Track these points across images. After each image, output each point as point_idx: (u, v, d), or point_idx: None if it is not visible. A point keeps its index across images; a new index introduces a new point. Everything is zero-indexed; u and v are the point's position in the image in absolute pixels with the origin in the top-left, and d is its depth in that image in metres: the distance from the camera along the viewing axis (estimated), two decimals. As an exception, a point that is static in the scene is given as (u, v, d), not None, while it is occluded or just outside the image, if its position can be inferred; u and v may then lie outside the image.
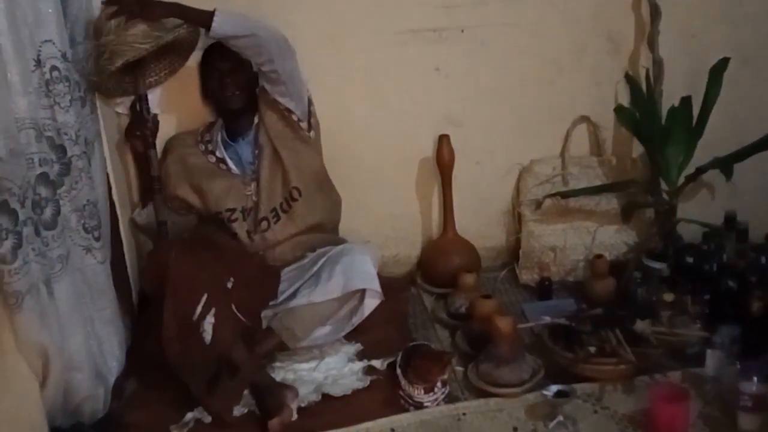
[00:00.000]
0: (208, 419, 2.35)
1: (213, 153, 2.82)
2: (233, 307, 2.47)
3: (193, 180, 2.81)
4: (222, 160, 2.81)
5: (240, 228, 2.78)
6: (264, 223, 2.78)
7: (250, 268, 2.64)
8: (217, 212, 2.78)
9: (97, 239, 2.39)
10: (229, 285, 2.48)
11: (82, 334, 2.26)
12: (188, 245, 2.50)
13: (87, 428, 2.29)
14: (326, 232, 2.88)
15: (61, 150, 2.23)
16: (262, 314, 2.64)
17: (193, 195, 2.83)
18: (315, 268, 2.66)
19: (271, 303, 2.66)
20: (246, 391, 2.43)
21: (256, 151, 2.79)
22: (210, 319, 2.39)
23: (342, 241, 2.84)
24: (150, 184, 2.76)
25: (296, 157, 2.77)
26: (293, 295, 2.64)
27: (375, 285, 2.59)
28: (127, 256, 2.80)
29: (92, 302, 2.39)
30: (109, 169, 2.67)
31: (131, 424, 2.37)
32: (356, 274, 2.58)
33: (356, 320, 2.63)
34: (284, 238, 2.78)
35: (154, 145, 2.75)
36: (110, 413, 2.38)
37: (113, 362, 2.47)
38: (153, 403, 2.45)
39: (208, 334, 2.38)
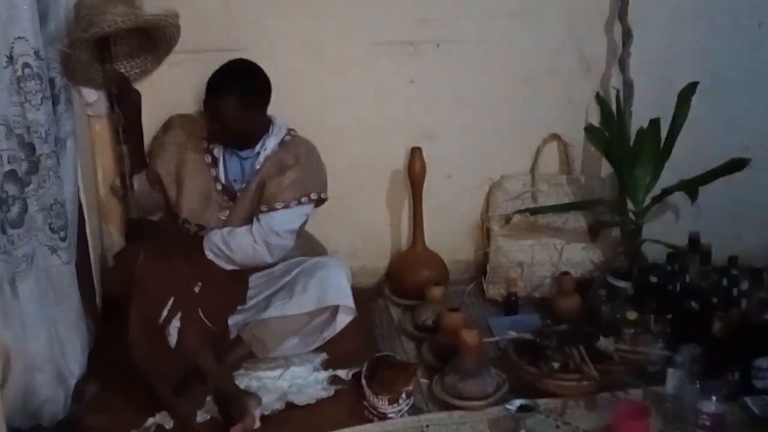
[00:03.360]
0: (169, 424, 2.33)
1: (211, 153, 2.71)
2: (200, 311, 2.45)
3: (180, 172, 2.71)
4: (215, 164, 2.71)
5: None
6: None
7: (218, 273, 2.62)
8: (184, 219, 2.71)
9: (63, 239, 2.36)
10: (197, 289, 2.47)
11: (45, 335, 2.23)
12: (156, 249, 2.47)
13: (46, 431, 2.25)
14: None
15: (30, 148, 2.21)
16: (233, 321, 2.62)
17: (171, 184, 2.72)
18: (287, 278, 2.64)
19: (239, 308, 2.65)
20: (209, 398, 2.41)
21: (243, 185, 2.68)
22: (176, 323, 2.38)
23: (314, 248, 2.83)
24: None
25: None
26: (265, 305, 2.61)
27: (349, 302, 2.58)
28: (92, 258, 2.76)
29: (56, 303, 2.35)
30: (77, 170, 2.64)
31: (91, 427, 2.33)
32: (331, 289, 2.56)
33: (327, 335, 2.63)
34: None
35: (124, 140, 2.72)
36: (70, 416, 2.35)
37: (75, 365, 2.44)
38: (114, 407, 2.42)
39: (173, 338, 2.37)
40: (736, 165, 2.90)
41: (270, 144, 2.69)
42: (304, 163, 2.68)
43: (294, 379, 2.53)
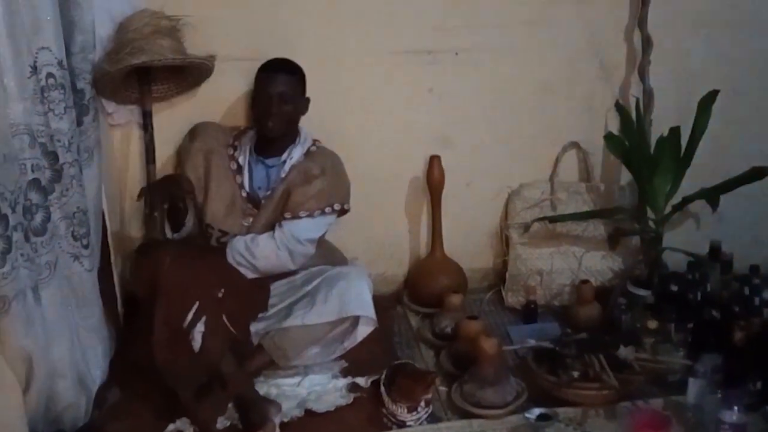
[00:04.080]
0: (189, 431, 2.34)
1: (236, 160, 2.75)
2: (224, 317, 2.46)
3: (207, 177, 2.73)
4: (240, 171, 2.74)
5: None
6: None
7: (241, 280, 2.63)
8: (208, 224, 2.74)
9: (86, 247, 2.39)
10: (220, 295, 2.48)
11: (67, 341, 2.26)
12: (182, 253, 2.49)
13: (68, 437, 2.28)
14: None
15: (53, 157, 2.24)
16: (254, 329, 2.62)
17: (200, 190, 2.73)
18: (309, 287, 2.64)
19: (260, 316, 2.66)
20: (230, 405, 2.42)
21: (268, 192, 2.72)
22: (200, 328, 2.39)
23: (335, 256, 2.85)
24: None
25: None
26: (286, 314, 2.61)
27: (370, 312, 2.58)
28: (114, 266, 2.79)
29: (78, 310, 2.38)
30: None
31: (112, 433, 2.35)
32: (353, 299, 2.56)
33: (348, 345, 2.62)
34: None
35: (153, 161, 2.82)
36: (91, 422, 2.37)
37: (96, 371, 2.46)
38: (134, 413, 2.44)
39: (197, 343, 2.38)
40: (757, 173, 2.87)
41: (296, 153, 2.72)
42: (330, 174, 2.71)
43: (313, 387, 2.54)
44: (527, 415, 2.30)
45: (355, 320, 2.59)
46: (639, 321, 2.67)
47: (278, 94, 2.64)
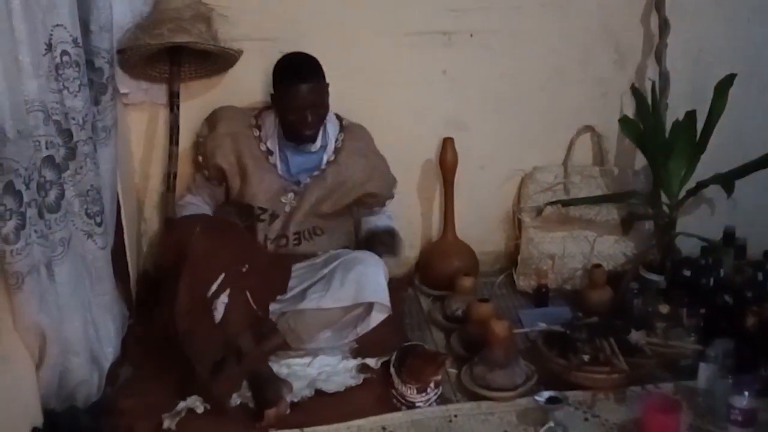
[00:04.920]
0: (200, 409, 2.35)
1: (264, 142, 2.76)
2: (247, 292, 2.47)
3: (241, 160, 2.73)
4: (270, 153, 2.76)
5: (260, 230, 2.76)
6: (283, 240, 2.76)
7: (264, 258, 2.64)
8: (249, 204, 2.75)
9: (99, 225, 2.39)
10: (244, 270, 2.48)
11: (81, 318, 2.27)
12: (212, 224, 2.51)
13: (80, 412, 2.29)
14: None
15: (67, 134, 2.24)
16: (271, 309, 2.61)
17: (235, 174, 2.75)
18: (326, 270, 2.64)
19: (278, 297, 2.66)
20: (244, 383, 2.43)
21: (315, 173, 2.75)
22: (223, 299, 2.40)
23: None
24: None
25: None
26: (302, 296, 2.61)
27: (385, 299, 2.57)
28: (127, 244, 2.80)
29: (91, 287, 2.39)
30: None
31: (124, 410, 2.37)
32: (368, 285, 2.56)
33: (360, 330, 2.61)
34: (296, 254, 2.79)
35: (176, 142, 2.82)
36: (104, 399, 2.39)
37: (109, 348, 2.47)
38: (146, 390, 2.45)
39: (219, 314, 2.40)
40: (773, 159, 2.85)
41: (331, 131, 2.77)
42: (374, 150, 2.87)
43: (323, 367, 2.55)
44: (537, 398, 2.29)
45: (369, 306, 2.59)
46: (651, 306, 2.66)
47: (311, 103, 2.63)
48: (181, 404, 2.36)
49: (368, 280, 2.57)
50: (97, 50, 2.50)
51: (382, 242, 2.81)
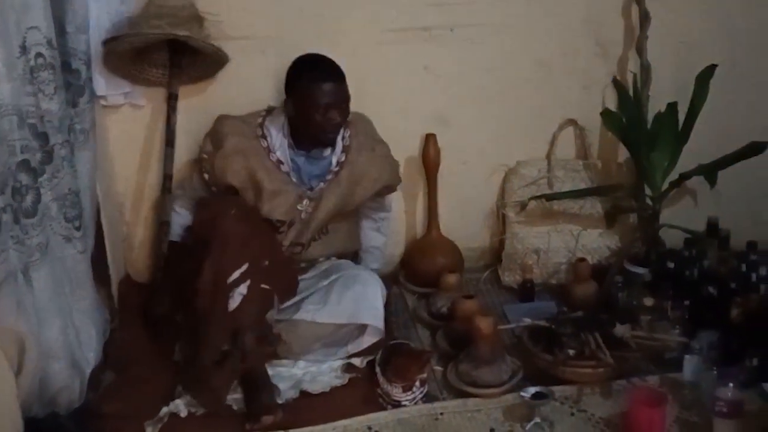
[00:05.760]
0: (183, 413, 2.34)
1: (274, 152, 2.66)
2: (264, 288, 2.44)
3: (255, 176, 2.62)
4: (281, 163, 2.67)
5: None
6: (298, 248, 2.73)
7: (282, 259, 2.61)
8: (267, 218, 2.68)
9: (78, 229, 2.37)
10: (265, 265, 2.46)
11: (60, 323, 2.24)
12: (245, 209, 2.52)
13: (62, 419, 2.27)
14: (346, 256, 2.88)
15: (43, 138, 2.21)
16: (268, 315, 2.55)
17: (248, 190, 2.65)
18: (326, 282, 2.62)
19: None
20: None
21: (328, 176, 2.69)
22: (242, 290, 2.38)
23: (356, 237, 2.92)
24: None
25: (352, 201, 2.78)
26: (298, 305, 2.58)
27: (380, 323, 2.54)
28: (108, 248, 2.77)
29: (71, 292, 2.36)
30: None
31: (107, 415, 2.35)
32: (365, 307, 2.53)
33: (351, 349, 2.57)
34: (307, 259, 2.77)
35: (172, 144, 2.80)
36: (86, 404, 2.36)
37: (91, 353, 2.45)
38: (129, 395, 2.44)
39: (234, 303, 2.37)
40: (754, 149, 2.84)
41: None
42: (378, 140, 2.82)
43: (308, 367, 2.54)
44: (523, 393, 2.29)
45: (363, 326, 2.56)
46: (636, 298, 2.65)
47: (340, 101, 2.59)
48: (164, 409, 2.34)
49: (366, 301, 2.55)
50: (73, 51, 2.49)
51: None
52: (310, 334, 2.54)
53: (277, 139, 2.67)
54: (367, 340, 2.56)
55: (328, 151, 2.70)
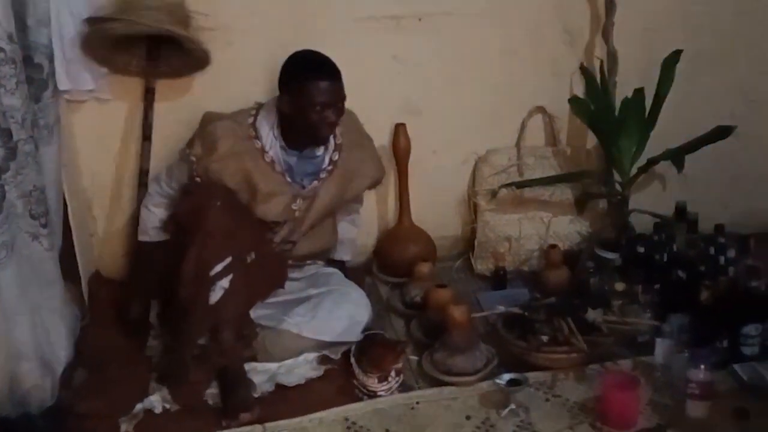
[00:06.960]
0: (158, 409, 2.32)
1: (267, 152, 2.58)
2: (246, 284, 2.41)
3: (251, 179, 2.55)
4: (275, 162, 2.60)
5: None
6: (289, 245, 2.69)
7: (269, 254, 2.58)
8: (261, 220, 2.63)
9: (44, 226, 2.32)
10: (249, 260, 2.43)
11: (28, 322, 2.21)
12: (231, 200, 2.47)
13: (35, 418, 2.24)
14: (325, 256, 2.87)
15: (6, 134, 2.17)
16: (255, 315, 2.53)
17: (244, 192, 2.56)
18: (314, 291, 2.62)
19: (267, 301, 2.61)
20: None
21: (322, 175, 2.64)
22: (224, 283, 2.35)
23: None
24: None
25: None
26: (282, 310, 2.55)
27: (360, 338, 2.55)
28: (76, 244, 2.73)
29: (39, 290, 2.32)
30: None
31: (80, 414, 2.32)
32: (354, 327, 2.55)
33: (329, 353, 2.54)
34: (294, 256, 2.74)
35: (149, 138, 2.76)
36: (58, 403, 2.33)
37: (61, 352, 2.41)
38: (102, 393, 2.41)
39: (215, 296, 2.34)
40: (721, 133, 2.89)
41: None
42: (366, 135, 2.80)
43: (283, 360, 2.52)
44: (497, 380, 2.30)
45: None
46: (607, 283, 2.68)
47: (336, 100, 2.53)
48: (138, 406, 2.32)
49: (356, 324, 2.56)
50: (35, 45, 2.43)
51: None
52: (294, 346, 2.52)
53: (269, 138, 2.60)
54: (342, 350, 2.56)
55: (320, 150, 2.66)
